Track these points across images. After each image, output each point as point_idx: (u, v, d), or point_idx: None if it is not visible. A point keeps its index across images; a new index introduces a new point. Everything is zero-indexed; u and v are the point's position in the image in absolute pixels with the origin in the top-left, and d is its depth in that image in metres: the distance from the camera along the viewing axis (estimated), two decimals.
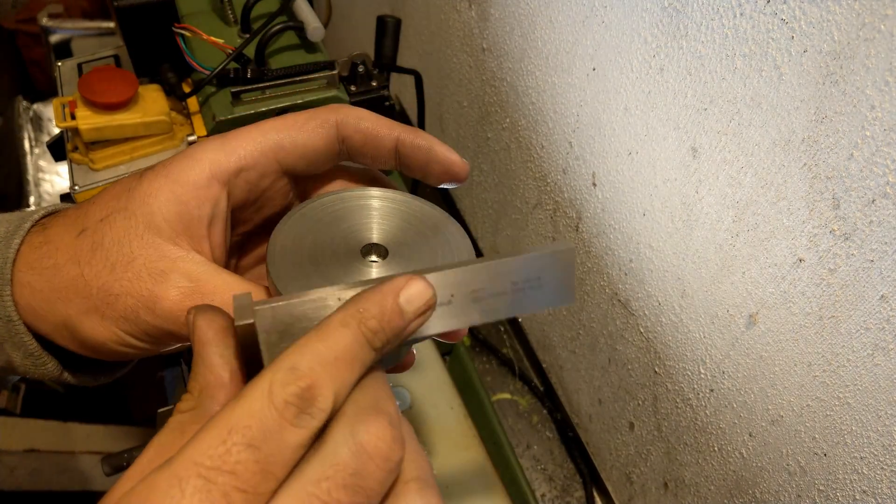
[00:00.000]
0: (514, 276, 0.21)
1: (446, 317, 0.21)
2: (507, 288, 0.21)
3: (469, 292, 0.21)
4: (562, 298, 0.22)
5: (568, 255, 0.22)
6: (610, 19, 0.42)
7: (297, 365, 0.17)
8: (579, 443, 0.62)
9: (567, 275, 0.22)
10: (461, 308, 0.21)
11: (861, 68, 0.28)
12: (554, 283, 0.22)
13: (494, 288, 0.21)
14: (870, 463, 0.33)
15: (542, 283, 0.21)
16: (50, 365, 0.24)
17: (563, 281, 0.22)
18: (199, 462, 0.16)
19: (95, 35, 0.74)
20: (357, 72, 0.53)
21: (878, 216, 0.29)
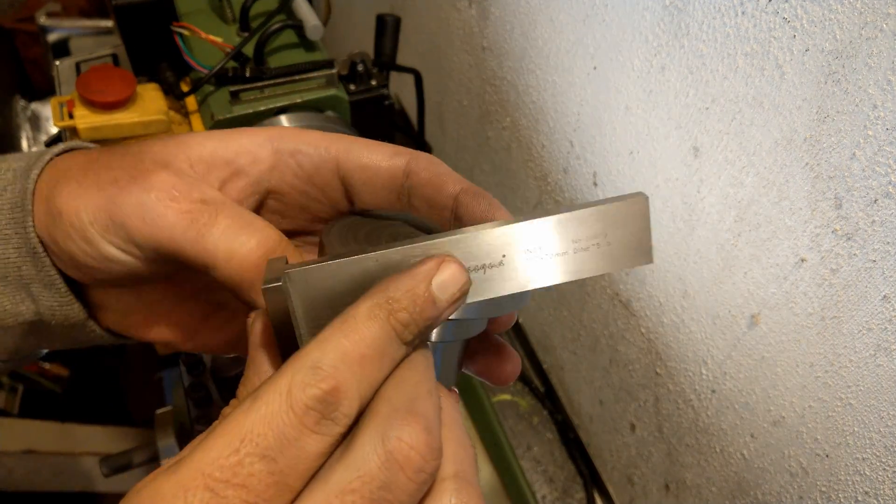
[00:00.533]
0: (575, 232, 0.18)
1: (498, 280, 0.18)
2: (568, 247, 0.18)
3: (523, 251, 0.18)
4: (635, 258, 0.18)
5: (639, 205, 0.18)
6: (611, 18, 0.42)
7: (320, 363, 0.15)
8: (580, 444, 0.62)
9: (640, 229, 0.18)
10: (515, 270, 0.18)
11: (863, 67, 0.27)
12: (624, 240, 0.18)
13: (553, 247, 0.18)
14: (872, 464, 0.33)
15: (610, 240, 0.18)
16: (76, 306, 0.23)
17: (635, 237, 0.18)
18: (208, 473, 0.15)
19: (93, 34, 0.73)
20: (356, 70, 0.53)
21: (881, 216, 0.29)
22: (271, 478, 0.15)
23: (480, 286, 0.18)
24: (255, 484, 0.15)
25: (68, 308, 0.23)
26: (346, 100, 0.52)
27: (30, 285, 0.22)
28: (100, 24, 0.73)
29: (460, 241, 0.18)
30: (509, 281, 0.18)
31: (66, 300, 0.23)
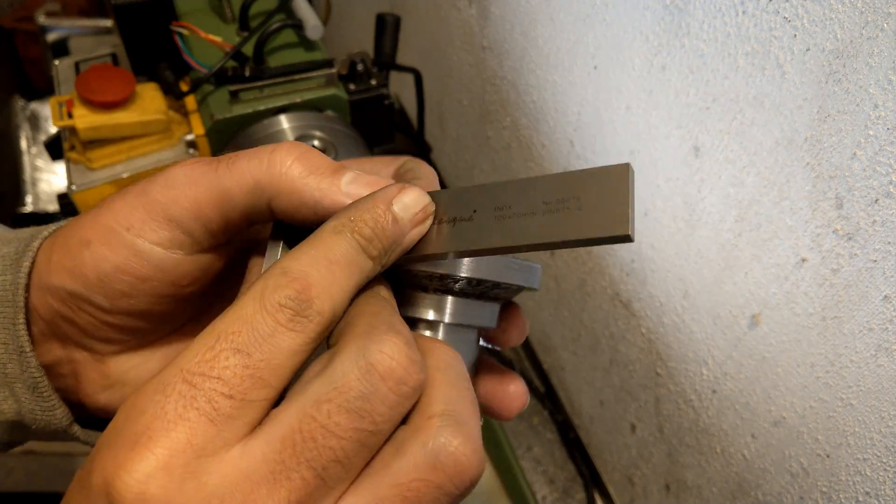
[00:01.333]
0: (547, 193, 0.18)
1: (466, 233, 0.18)
2: (538, 207, 0.18)
3: (493, 209, 0.18)
4: (610, 226, 0.17)
5: (620, 173, 0.17)
6: (611, 17, 0.42)
7: (289, 268, 0.16)
8: (580, 444, 0.62)
9: (618, 198, 0.17)
10: (483, 226, 0.18)
11: (864, 67, 0.27)
12: (599, 207, 0.17)
13: (522, 206, 0.18)
14: (873, 465, 0.33)
15: (583, 205, 0.17)
16: (59, 411, 0.22)
17: (612, 205, 0.17)
18: (186, 368, 0.15)
19: (93, 33, 0.73)
20: (356, 70, 0.53)
21: (882, 216, 0.29)
22: (246, 371, 0.15)
23: (449, 237, 0.19)
24: (230, 377, 0.15)
25: (50, 413, 0.22)
26: (345, 99, 0.52)
27: (13, 384, 0.21)
28: (99, 24, 0.73)
29: (433, 195, 0.20)
30: (478, 236, 0.18)
31: (49, 405, 0.21)
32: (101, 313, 0.21)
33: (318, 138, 0.49)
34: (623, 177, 0.17)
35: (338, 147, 0.49)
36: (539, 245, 0.18)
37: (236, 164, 0.20)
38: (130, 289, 0.20)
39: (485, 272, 0.20)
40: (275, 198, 0.19)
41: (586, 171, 0.17)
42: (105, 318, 0.21)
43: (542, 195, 0.18)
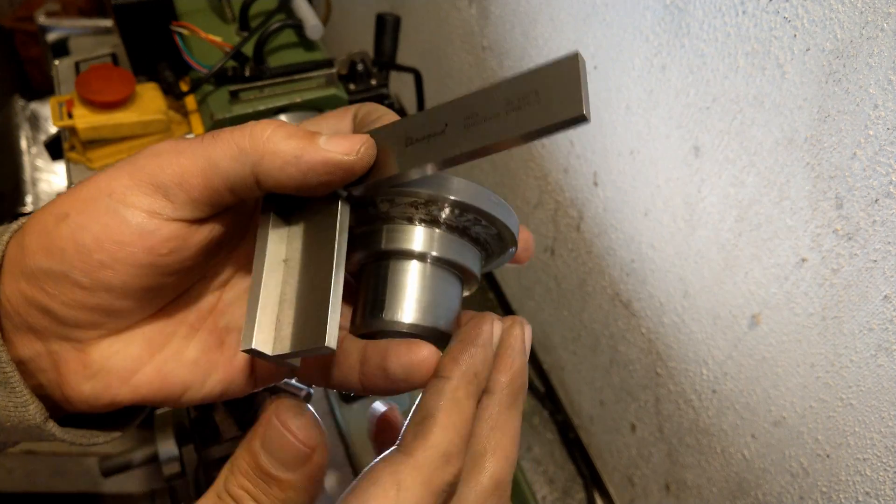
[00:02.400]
0: (507, 93, 0.19)
1: (441, 145, 0.20)
2: (501, 108, 0.19)
3: (462, 119, 0.20)
4: (567, 111, 0.18)
5: (569, 64, 0.18)
6: (611, 17, 0.42)
7: (450, 452, 0.19)
8: (580, 444, 0.62)
9: (572, 84, 0.18)
10: (454, 136, 0.20)
11: (864, 67, 0.27)
12: (555, 97, 0.18)
13: (488, 110, 0.19)
14: (873, 465, 0.33)
15: (541, 97, 0.18)
16: (32, 408, 0.21)
17: (567, 91, 0.18)
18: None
19: (93, 33, 0.73)
20: (356, 70, 0.53)
21: (882, 216, 0.29)
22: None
23: (428, 152, 0.20)
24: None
25: (23, 410, 0.21)
26: (345, 99, 0.52)
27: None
28: (99, 24, 0.73)
29: (407, 119, 0.21)
30: (452, 145, 0.20)
31: (21, 401, 0.21)
32: (79, 292, 0.20)
33: None
34: (574, 65, 0.18)
35: None
36: (508, 140, 0.19)
37: (220, 135, 0.21)
38: (109, 258, 0.20)
39: (467, 197, 0.22)
40: (258, 162, 0.20)
41: (541, 67, 0.19)
42: (82, 299, 0.21)
43: (504, 96, 0.19)
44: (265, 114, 0.50)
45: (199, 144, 0.21)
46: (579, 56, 0.18)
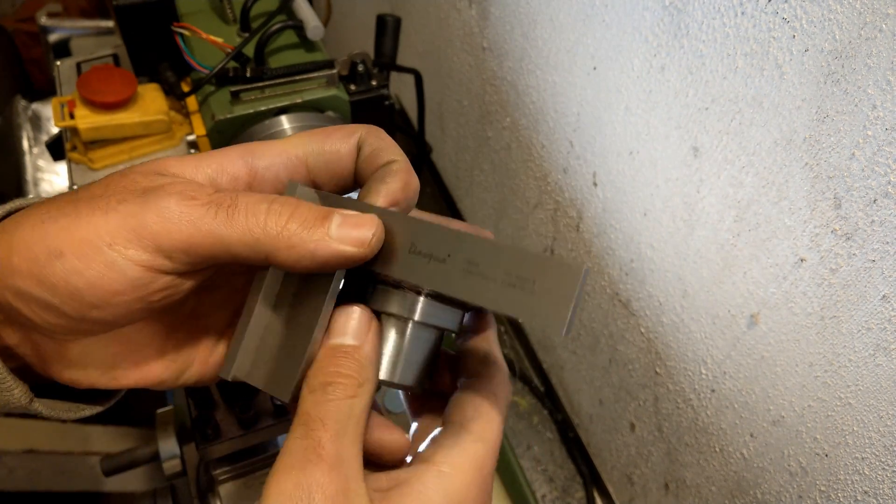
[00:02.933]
0: (511, 266, 0.19)
1: (438, 275, 0.20)
2: (500, 276, 0.20)
3: (464, 261, 0.20)
4: (551, 321, 0.19)
5: (573, 273, 0.19)
6: (611, 18, 0.42)
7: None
8: (580, 443, 0.62)
9: (565, 297, 0.19)
10: (452, 274, 0.20)
11: (862, 67, 0.27)
12: (548, 298, 0.19)
13: (488, 270, 0.20)
14: (871, 464, 0.33)
15: (536, 291, 0.19)
16: (17, 391, 0.22)
17: (559, 299, 0.19)
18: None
19: (94, 34, 0.74)
20: (357, 71, 0.53)
21: (880, 216, 0.29)
22: None
23: (418, 269, 0.21)
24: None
25: (9, 394, 0.22)
26: (346, 100, 0.52)
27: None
28: (100, 25, 0.73)
29: (421, 222, 0.21)
30: (447, 283, 0.21)
31: (6, 386, 0.22)
32: (66, 319, 0.21)
33: None
34: (575, 278, 0.19)
35: None
36: (491, 310, 0.20)
37: (235, 217, 0.21)
38: (100, 302, 0.20)
39: (454, 291, 0.21)
40: (273, 254, 0.21)
41: (550, 259, 0.19)
42: (68, 325, 0.21)
43: (506, 266, 0.20)
44: (266, 114, 0.50)
45: (212, 221, 0.20)
46: (584, 271, 0.19)
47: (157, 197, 0.20)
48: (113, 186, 0.21)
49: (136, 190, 0.21)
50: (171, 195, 0.20)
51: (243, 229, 0.20)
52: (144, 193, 0.21)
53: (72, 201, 0.21)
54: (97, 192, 0.21)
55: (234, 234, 0.20)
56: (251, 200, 0.21)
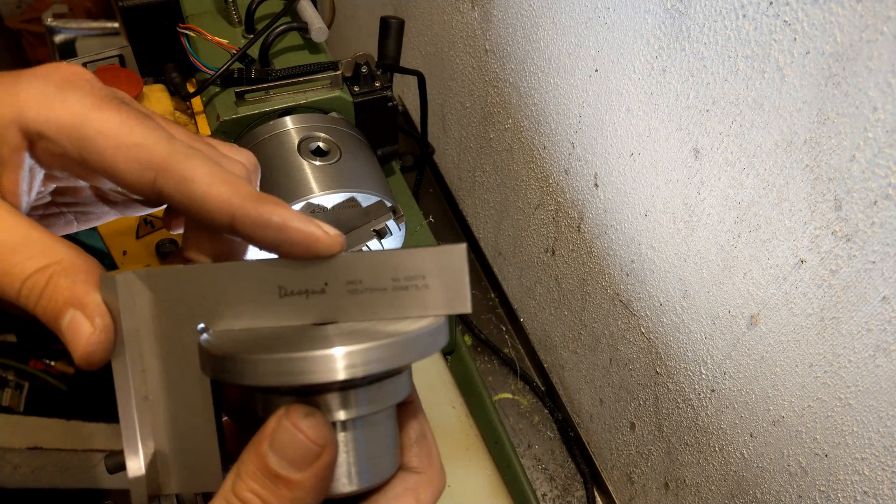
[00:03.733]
0: (395, 270, 0.19)
1: (321, 307, 0.19)
2: (388, 283, 0.19)
3: (345, 283, 0.19)
4: (453, 304, 0.19)
5: (457, 254, 0.19)
6: (613, 21, 0.42)
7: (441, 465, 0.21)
8: (580, 442, 0.63)
9: (458, 278, 0.19)
10: (336, 299, 0.19)
11: (863, 70, 0.28)
12: (443, 286, 0.19)
13: (373, 282, 0.19)
14: (871, 464, 0.33)
15: (429, 283, 0.19)
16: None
17: (453, 284, 0.19)
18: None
19: (100, 35, 0.74)
20: (360, 72, 0.53)
21: (880, 217, 0.29)
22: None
23: (301, 310, 0.19)
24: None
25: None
26: (349, 101, 0.52)
27: None
28: (106, 26, 0.74)
29: (282, 263, 0.19)
30: (333, 309, 0.19)
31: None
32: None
33: (322, 139, 0.49)
34: (460, 257, 0.19)
35: (342, 148, 0.49)
36: (391, 319, 0.19)
37: (143, 121, 0.18)
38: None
39: (383, 362, 0.18)
40: (183, 178, 0.18)
41: (429, 251, 0.19)
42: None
43: (390, 272, 0.19)
44: (270, 115, 0.50)
45: (108, 113, 0.18)
46: (466, 248, 0.19)
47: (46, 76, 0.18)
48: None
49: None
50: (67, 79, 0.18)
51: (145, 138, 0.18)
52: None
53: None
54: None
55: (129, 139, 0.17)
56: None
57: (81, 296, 0.18)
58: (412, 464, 0.21)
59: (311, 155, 0.48)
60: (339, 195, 0.45)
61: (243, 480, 0.18)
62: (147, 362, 0.20)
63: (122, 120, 0.18)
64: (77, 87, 0.19)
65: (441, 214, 0.80)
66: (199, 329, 0.19)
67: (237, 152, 0.22)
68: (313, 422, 0.18)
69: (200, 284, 0.19)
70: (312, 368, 0.17)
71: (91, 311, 0.19)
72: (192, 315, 0.19)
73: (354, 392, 0.19)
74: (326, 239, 0.19)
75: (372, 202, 0.47)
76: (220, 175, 0.18)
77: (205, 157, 0.19)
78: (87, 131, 0.18)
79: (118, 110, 0.19)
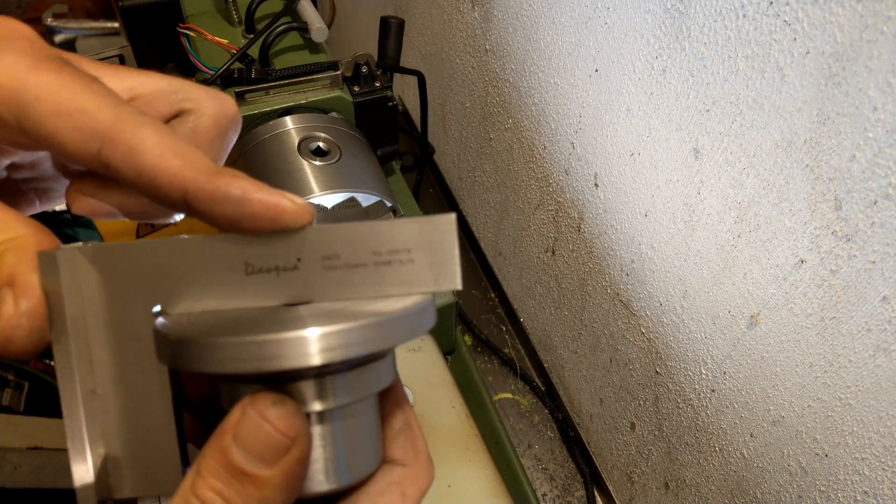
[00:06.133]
0: (377, 243, 0.17)
1: (294, 285, 0.17)
2: (368, 258, 0.17)
3: (320, 258, 0.17)
4: (441, 280, 0.17)
5: (446, 225, 0.17)
6: (613, 21, 0.42)
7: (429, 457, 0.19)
8: (580, 442, 0.63)
9: (446, 251, 0.17)
10: (310, 276, 0.17)
11: (864, 70, 0.28)
12: (430, 260, 0.17)
13: (352, 256, 0.17)
14: (871, 464, 0.33)
15: (414, 257, 0.17)
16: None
17: (441, 258, 0.17)
18: None
19: (100, 35, 0.74)
20: (360, 72, 0.53)
21: (881, 217, 0.29)
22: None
23: (271, 289, 0.17)
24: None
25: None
26: (350, 101, 0.52)
27: None
28: (106, 26, 0.74)
29: (249, 237, 0.17)
30: (307, 287, 0.17)
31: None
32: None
33: (322, 139, 0.49)
34: (449, 228, 0.17)
35: (342, 148, 0.49)
36: (374, 297, 0.17)
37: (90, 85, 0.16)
38: None
39: (364, 345, 0.16)
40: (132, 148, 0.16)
41: (416, 221, 0.17)
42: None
43: (371, 245, 0.17)
44: (271, 115, 0.50)
45: (47, 74, 0.16)
46: (455, 219, 0.17)
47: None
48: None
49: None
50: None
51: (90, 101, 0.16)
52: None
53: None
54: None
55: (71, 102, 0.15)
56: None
57: (19, 274, 0.17)
58: (396, 456, 0.19)
59: (311, 155, 0.48)
60: (339, 195, 0.45)
61: (204, 478, 0.16)
62: (95, 352, 0.18)
63: (63, 83, 0.17)
64: (14, 47, 0.17)
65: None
66: (154, 312, 0.17)
67: (211, 98, 0.20)
68: (283, 411, 0.16)
69: (155, 262, 0.17)
70: (283, 353, 0.15)
71: (19, 291, 0.16)
72: (147, 297, 0.17)
73: (331, 379, 0.16)
74: (293, 208, 0.17)
75: (372, 202, 0.47)
76: (172, 146, 0.16)
77: (157, 124, 0.17)
78: (24, 97, 0.16)
79: (60, 72, 0.17)
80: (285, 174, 0.46)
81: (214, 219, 0.17)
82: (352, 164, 0.48)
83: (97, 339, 0.17)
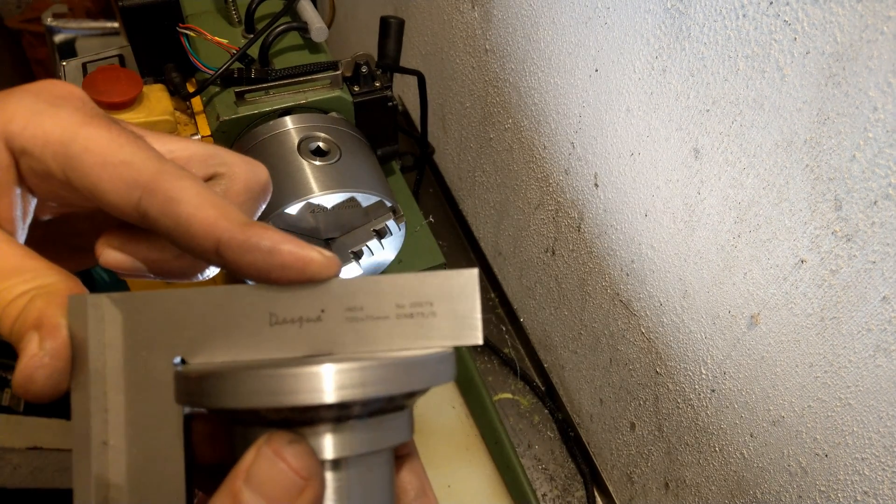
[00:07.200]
0: (400, 296, 0.17)
1: (317, 337, 0.17)
2: (391, 311, 0.17)
3: (343, 310, 0.17)
4: (462, 335, 0.17)
5: (468, 280, 0.17)
6: (613, 20, 0.42)
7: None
8: (580, 442, 0.63)
9: (468, 305, 0.17)
10: (333, 328, 0.17)
11: (864, 70, 0.28)
12: (451, 314, 0.17)
13: (375, 308, 0.17)
14: (871, 464, 0.33)
15: (436, 310, 0.17)
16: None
17: (463, 312, 0.17)
18: None
19: (100, 35, 0.74)
20: (360, 72, 0.53)
21: (881, 217, 0.29)
22: None
23: (293, 340, 0.17)
24: None
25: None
26: (349, 101, 0.52)
27: None
28: (106, 25, 0.74)
29: (275, 287, 0.17)
30: (329, 339, 0.17)
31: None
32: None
33: (322, 139, 0.49)
34: (472, 283, 0.17)
35: (342, 148, 0.49)
36: (396, 350, 0.17)
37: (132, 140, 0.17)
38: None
39: (380, 385, 0.16)
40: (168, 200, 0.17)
41: (437, 276, 0.17)
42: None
43: (394, 297, 0.17)
44: (270, 115, 0.50)
45: (93, 128, 0.17)
46: (477, 274, 0.17)
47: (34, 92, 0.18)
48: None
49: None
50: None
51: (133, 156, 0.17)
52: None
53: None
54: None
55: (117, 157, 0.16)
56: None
57: (47, 317, 0.17)
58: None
59: (310, 155, 0.48)
60: (338, 195, 0.45)
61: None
62: (111, 399, 0.18)
63: (111, 137, 0.18)
64: (68, 105, 0.18)
65: (441, 214, 0.80)
66: (175, 363, 0.17)
67: (245, 164, 0.21)
68: (298, 450, 0.15)
69: (181, 310, 0.17)
70: (299, 388, 0.15)
71: (45, 333, 0.17)
72: (170, 345, 0.17)
73: (347, 426, 0.16)
74: (321, 259, 0.17)
75: (372, 202, 0.47)
76: (209, 198, 0.17)
77: (195, 178, 0.18)
78: (73, 149, 0.17)
79: (108, 128, 0.18)
80: (285, 174, 0.46)
81: (245, 268, 0.17)
82: (352, 164, 0.48)
83: (114, 385, 0.18)
